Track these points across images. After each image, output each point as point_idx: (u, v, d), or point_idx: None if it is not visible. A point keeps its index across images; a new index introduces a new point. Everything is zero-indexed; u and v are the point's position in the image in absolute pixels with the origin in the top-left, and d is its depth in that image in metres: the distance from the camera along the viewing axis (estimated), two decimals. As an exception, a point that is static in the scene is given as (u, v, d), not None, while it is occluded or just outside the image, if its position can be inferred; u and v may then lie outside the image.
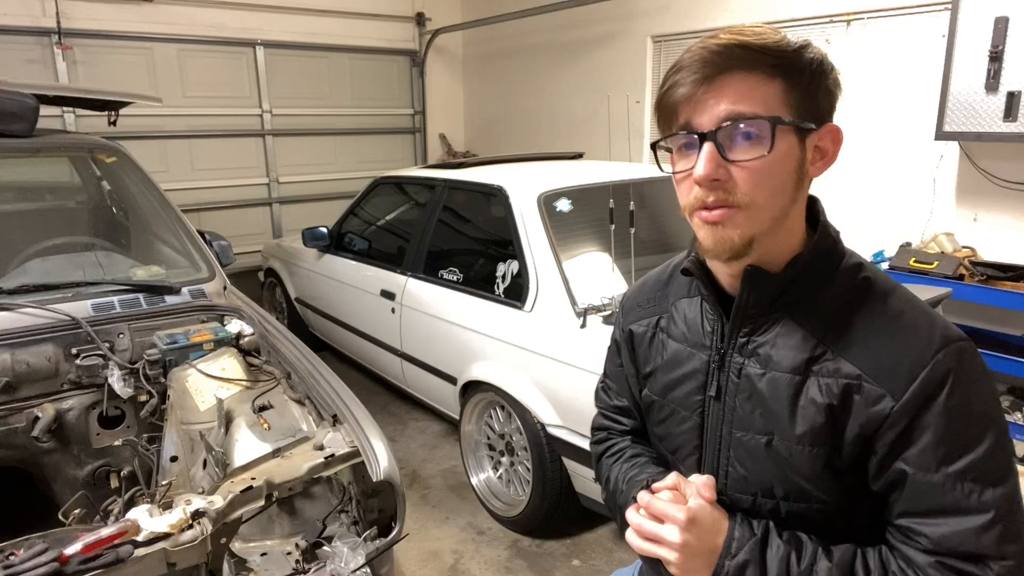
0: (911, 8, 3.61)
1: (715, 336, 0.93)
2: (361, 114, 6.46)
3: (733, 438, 0.90)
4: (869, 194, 3.90)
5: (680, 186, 0.85)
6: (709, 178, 0.79)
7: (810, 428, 0.83)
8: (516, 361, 2.65)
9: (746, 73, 0.78)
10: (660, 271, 1.10)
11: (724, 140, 0.78)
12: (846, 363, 0.81)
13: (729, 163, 0.79)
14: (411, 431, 3.70)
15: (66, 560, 1.12)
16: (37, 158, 2.68)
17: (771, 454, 0.86)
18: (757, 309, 0.87)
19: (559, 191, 2.88)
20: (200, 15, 5.38)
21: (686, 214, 0.85)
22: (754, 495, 0.89)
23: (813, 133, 0.82)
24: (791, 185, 0.82)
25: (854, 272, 0.86)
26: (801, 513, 0.87)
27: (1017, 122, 3.04)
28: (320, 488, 1.69)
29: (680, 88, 0.80)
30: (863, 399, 0.80)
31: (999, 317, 3.36)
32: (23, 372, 1.89)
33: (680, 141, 0.83)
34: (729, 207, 0.80)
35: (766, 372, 0.86)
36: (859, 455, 0.82)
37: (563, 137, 5.83)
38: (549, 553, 2.68)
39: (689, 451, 0.96)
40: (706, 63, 0.78)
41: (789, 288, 0.86)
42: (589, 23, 5.46)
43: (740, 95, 0.78)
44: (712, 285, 0.92)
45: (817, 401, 0.82)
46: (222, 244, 2.67)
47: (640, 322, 1.05)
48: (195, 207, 5.46)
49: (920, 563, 0.79)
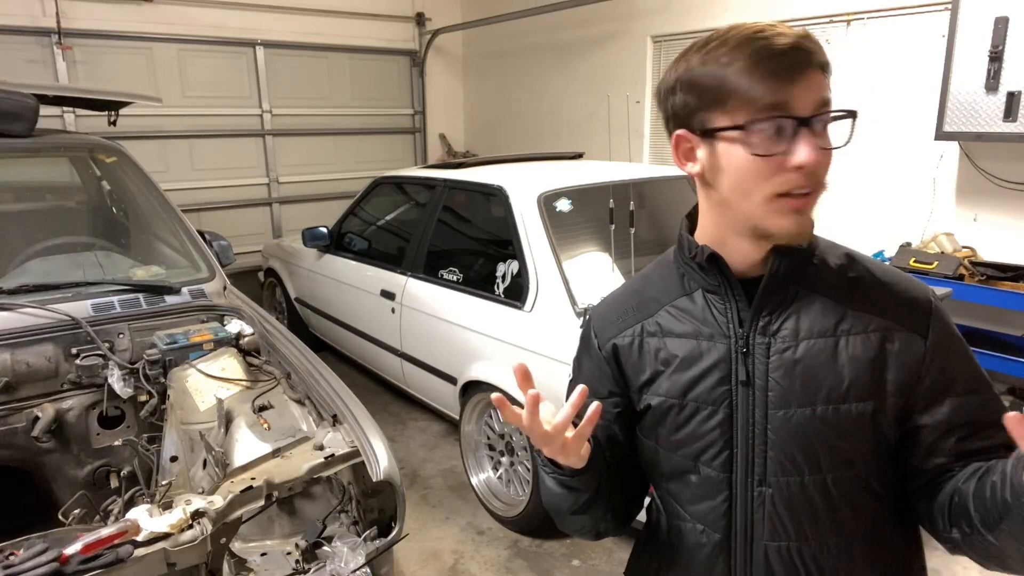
0: (911, 8, 3.61)
1: (731, 324, 0.93)
2: (361, 114, 6.46)
3: (771, 419, 0.90)
4: (869, 194, 3.90)
5: (763, 168, 0.82)
6: (816, 163, 0.81)
7: (854, 383, 0.87)
8: (516, 361, 2.64)
9: (821, 71, 0.83)
10: (627, 286, 1.09)
11: (817, 128, 0.82)
12: (871, 317, 0.90)
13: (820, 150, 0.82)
14: (411, 431, 3.70)
15: (66, 560, 1.12)
16: (37, 158, 2.69)
17: (816, 423, 0.88)
18: (782, 283, 0.91)
19: (559, 191, 2.88)
20: (200, 15, 5.38)
21: (759, 199, 0.84)
22: (801, 474, 0.90)
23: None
24: None
25: (834, 247, 0.97)
26: (847, 482, 0.90)
27: (1017, 122, 3.04)
28: (320, 488, 1.69)
29: (776, 76, 0.80)
30: (898, 345, 0.88)
31: (999, 317, 3.36)
32: (23, 372, 1.89)
33: (776, 124, 0.81)
34: (811, 193, 0.84)
35: (799, 342, 0.90)
36: (902, 407, 0.89)
37: (563, 137, 5.83)
38: (549, 553, 2.68)
39: (718, 449, 0.94)
40: (799, 52, 0.81)
41: (803, 261, 0.92)
42: (589, 23, 5.45)
43: (824, 87, 0.83)
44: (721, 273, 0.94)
45: (857, 356, 0.88)
46: (222, 244, 2.67)
47: (622, 334, 1.03)
48: (195, 207, 5.46)
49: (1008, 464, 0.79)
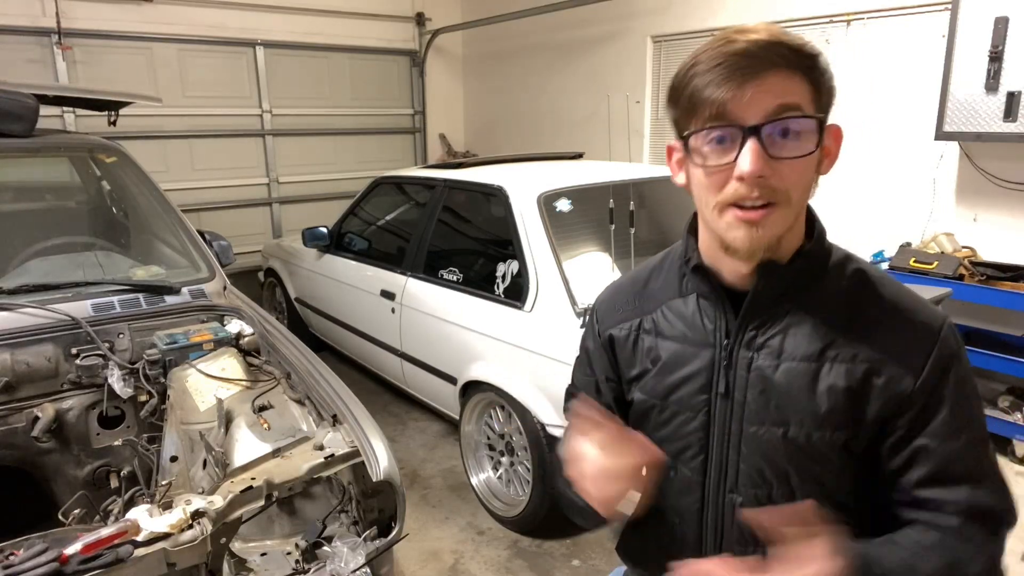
0: (911, 8, 3.61)
1: (718, 333, 0.92)
2: (361, 114, 6.45)
3: (744, 433, 0.90)
4: (869, 194, 3.90)
5: (710, 180, 0.82)
6: (756, 174, 0.78)
7: (831, 412, 0.85)
8: (516, 361, 2.65)
9: (789, 72, 0.78)
10: (634, 274, 1.09)
11: (767, 136, 0.78)
12: (863, 347, 0.85)
13: (773, 159, 0.78)
14: (411, 431, 3.70)
15: (66, 560, 1.12)
16: (37, 158, 2.68)
17: (787, 444, 0.87)
18: (768, 302, 0.88)
19: (559, 191, 2.88)
20: (200, 15, 5.38)
21: (713, 210, 0.83)
22: (770, 487, 0.90)
23: (825, 134, 0.83)
24: (814, 183, 0.85)
25: (845, 263, 0.91)
26: (816, 498, 0.87)
27: (1017, 122, 3.04)
28: (320, 488, 1.69)
29: (723, 82, 0.78)
30: (884, 381, 0.84)
31: (999, 317, 3.36)
32: (23, 372, 1.89)
33: (717, 134, 0.80)
34: (768, 205, 0.80)
35: (780, 363, 0.88)
36: (875, 437, 0.85)
37: (563, 137, 5.83)
38: (549, 553, 2.68)
39: (695, 452, 0.96)
40: (752, 57, 0.77)
41: (796, 279, 0.88)
42: (589, 23, 5.45)
43: (786, 92, 0.78)
44: (713, 280, 0.92)
45: (837, 386, 0.85)
46: (222, 244, 2.67)
47: (619, 326, 1.04)
48: (195, 207, 5.46)
49: (950, 525, 0.82)
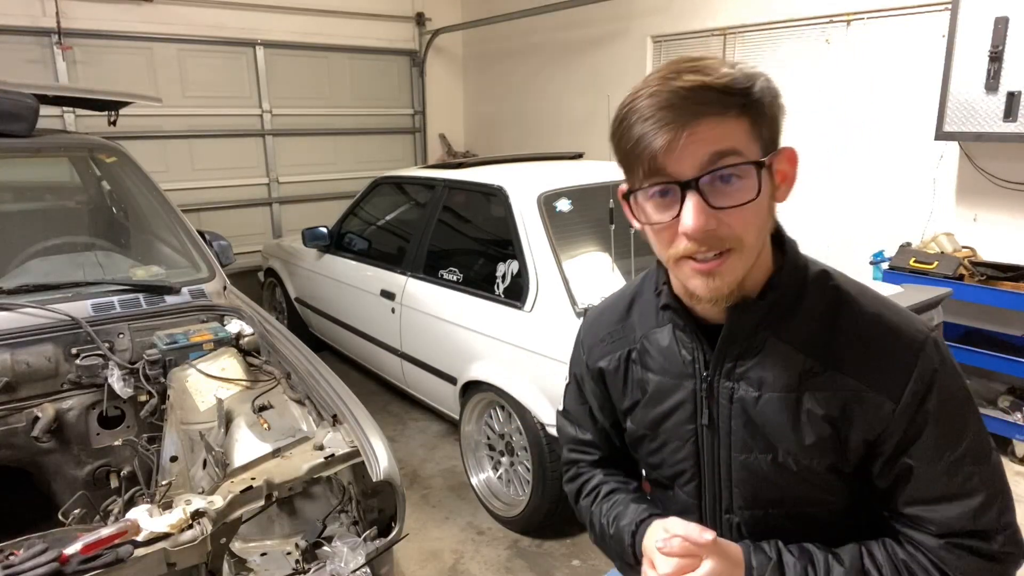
0: (911, 8, 3.61)
1: (697, 364, 0.91)
2: (361, 114, 6.45)
3: (734, 461, 0.90)
4: (869, 194, 3.90)
5: (660, 236, 0.81)
6: (701, 230, 0.75)
7: (817, 440, 0.84)
8: (516, 361, 2.65)
9: (719, 117, 0.74)
10: (615, 300, 1.07)
11: (707, 187, 0.75)
12: (841, 376, 0.83)
13: (716, 210, 0.76)
14: (411, 431, 3.70)
15: (66, 560, 1.12)
16: (37, 158, 2.68)
17: (777, 469, 0.87)
18: (743, 334, 0.87)
19: (559, 191, 2.88)
20: (200, 15, 5.38)
21: (669, 262, 0.82)
22: (765, 509, 0.90)
23: (775, 158, 0.80)
24: (770, 218, 0.83)
25: (822, 280, 0.88)
26: (811, 516, 0.89)
27: (1017, 122, 3.04)
28: (320, 488, 1.69)
29: (653, 137, 0.74)
30: (864, 408, 0.82)
31: (999, 317, 3.36)
32: (23, 372, 1.89)
33: (657, 190, 0.78)
34: (723, 253, 0.78)
35: (761, 394, 0.86)
36: (864, 457, 0.84)
37: (563, 137, 5.82)
38: (549, 553, 2.68)
39: (689, 477, 0.96)
40: (677, 109, 0.73)
41: (771, 310, 0.86)
42: (589, 23, 5.45)
43: (719, 138, 0.74)
44: (688, 314, 0.91)
45: (817, 414, 0.83)
46: (222, 244, 2.67)
47: (606, 358, 1.03)
48: (195, 207, 5.46)
49: (931, 546, 0.82)
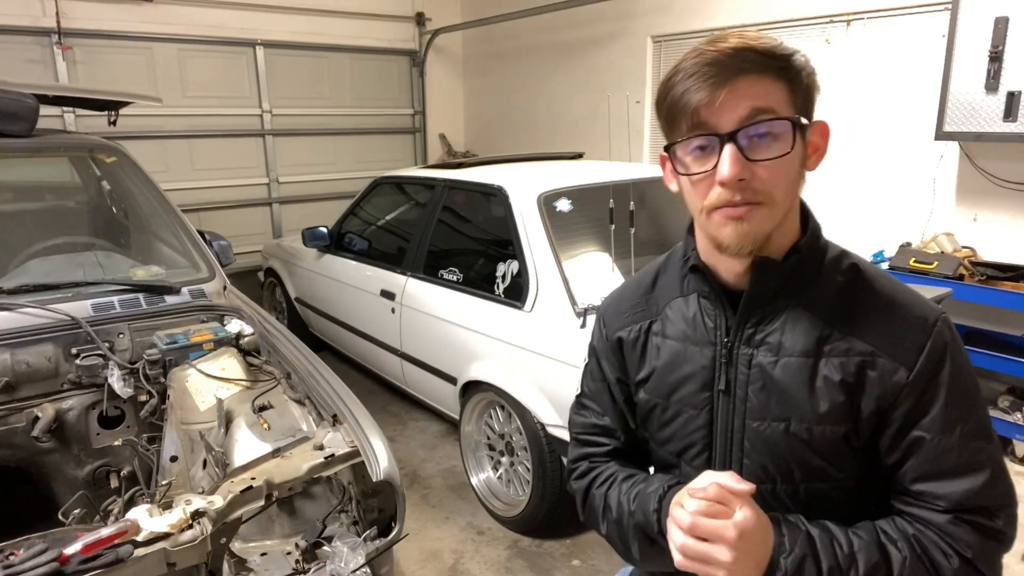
0: (911, 8, 3.61)
1: (719, 331, 0.93)
2: (361, 114, 6.45)
3: (748, 429, 0.91)
4: (869, 194, 3.90)
5: (696, 187, 0.86)
6: (736, 178, 0.80)
7: (831, 406, 0.86)
8: (516, 361, 2.65)
9: (758, 76, 0.81)
10: (640, 277, 1.09)
11: (744, 140, 0.81)
12: (857, 341, 0.86)
13: (751, 162, 0.81)
14: (411, 431, 3.70)
15: (66, 560, 1.12)
16: (37, 158, 2.69)
17: (789, 439, 0.88)
18: (765, 298, 0.90)
19: (559, 191, 2.88)
20: (200, 15, 5.38)
21: (701, 214, 0.87)
22: (774, 482, 0.90)
23: (808, 129, 0.86)
24: (799, 180, 0.87)
25: (840, 259, 0.92)
26: (820, 493, 0.89)
27: (1017, 122, 3.04)
28: (320, 488, 1.69)
29: (696, 92, 0.81)
30: (878, 373, 0.85)
31: (999, 317, 3.36)
32: (23, 372, 1.89)
33: (697, 143, 0.83)
34: (753, 204, 0.82)
35: (779, 359, 0.88)
36: (874, 429, 0.86)
37: (563, 137, 5.83)
38: (549, 553, 2.68)
39: (699, 449, 0.96)
40: (721, 66, 0.80)
41: (792, 276, 0.89)
42: (589, 23, 5.45)
43: (758, 96, 0.80)
44: (713, 279, 0.93)
45: (833, 379, 0.86)
46: (222, 244, 2.67)
47: (627, 328, 1.04)
48: (195, 207, 5.46)
49: (939, 522, 0.83)
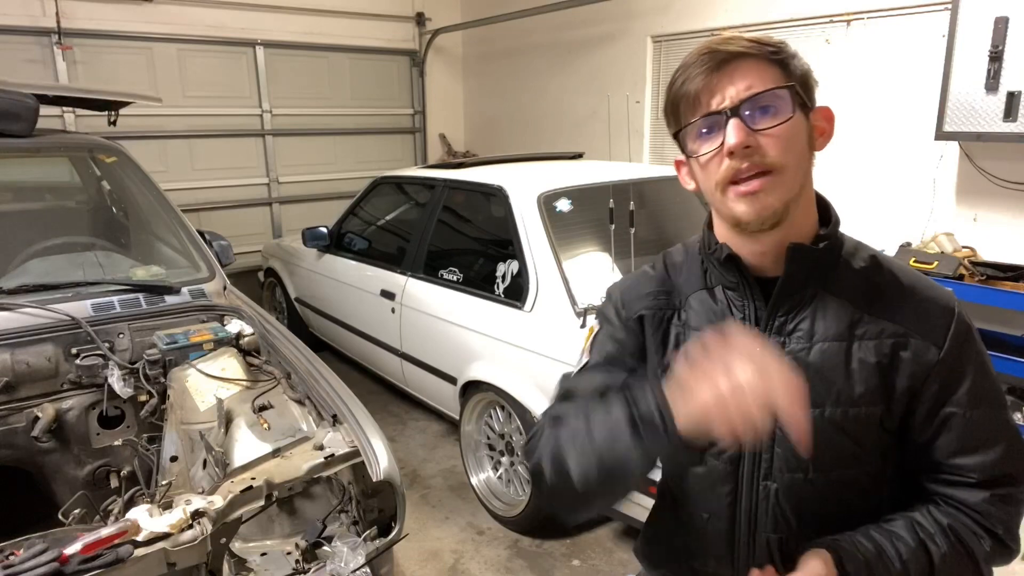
0: (911, 8, 3.61)
1: (747, 322, 0.94)
2: (361, 114, 6.45)
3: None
4: (869, 194, 3.90)
5: (707, 167, 0.87)
6: (742, 144, 0.82)
7: (866, 388, 0.88)
8: (516, 361, 2.65)
9: (753, 60, 0.85)
10: (648, 269, 1.07)
11: (746, 112, 0.84)
12: (888, 323, 0.89)
13: (756, 132, 0.83)
14: (411, 431, 3.70)
15: (66, 560, 1.12)
16: (37, 158, 2.69)
17: (824, 424, 0.89)
18: (797, 285, 0.91)
19: (559, 191, 2.88)
20: (200, 15, 5.38)
21: (716, 193, 0.88)
22: (805, 471, 0.91)
23: (811, 112, 0.89)
24: (808, 153, 0.89)
25: (859, 249, 0.95)
26: (849, 480, 0.92)
27: (1017, 122, 3.04)
28: (320, 488, 1.69)
29: (695, 80, 0.85)
30: (911, 353, 0.88)
31: (999, 317, 3.36)
32: (23, 372, 1.89)
33: (704, 124, 0.86)
34: (764, 173, 0.84)
35: (812, 344, 0.90)
36: (905, 410, 0.90)
37: (563, 137, 5.82)
38: (549, 553, 2.68)
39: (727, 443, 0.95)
40: (714, 53, 0.85)
41: (821, 262, 0.91)
42: (589, 23, 5.45)
43: (753, 75, 0.84)
44: (740, 270, 0.93)
45: (868, 361, 0.88)
46: (222, 244, 2.67)
47: (650, 309, 1.01)
48: (195, 207, 5.46)
49: (974, 501, 0.88)
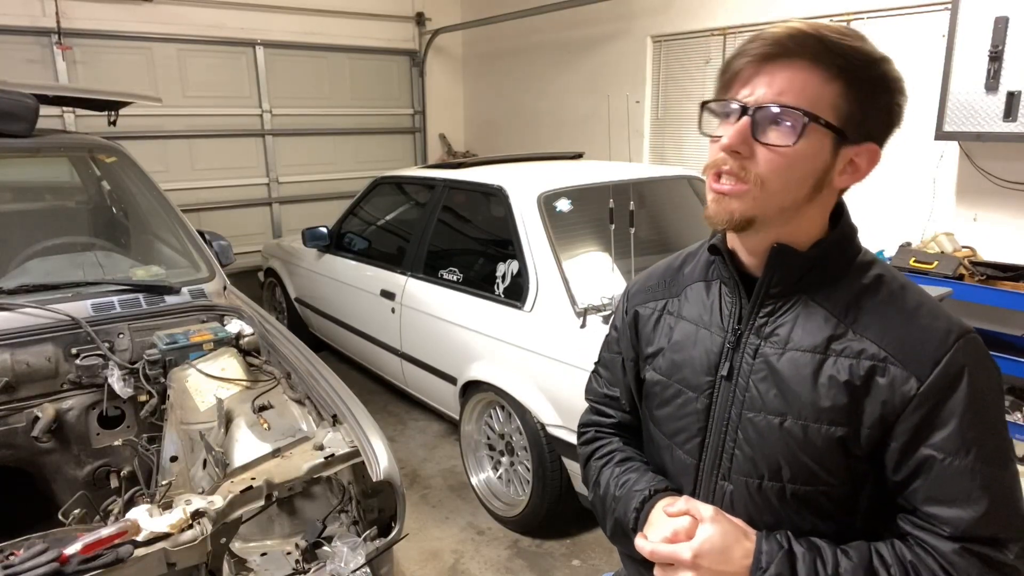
0: (911, 8, 3.61)
1: (732, 318, 0.93)
2: (361, 114, 6.45)
3: (743, 419, 0.90)
4: (869, 194, 3.89)
5: (711, 146, 0.88)
6: (730, 148, 0.82)
7: (831, 405, 0.84)
8: (516, 361, 2.65)
9: (809, 64, 0.79)
10: (670, 259, 1.11)
11: (761, 119, 0.81)
12: (870, 344, 0.83)
13: (756, 142, 0.81)
14: (411, 431, 3.70)
15: (66, 560, 1.12)
16: (37, 158, 2.68)
17: (783, 434, 0.87)
18: (780, 288, 0.89)
19: (559, 191, 2.88)
20: (200, 15, 5.38)
21: (707, 174, 0.89)
22: (761, 477, 0.89)
23: (851, 146, 0.82)
24: (808, 184, 0.83)
25: (868, 266, 0.89)
26: (806, 497, 0.87)
27: (1017, 122, 3.04)
28: (320, 488, 1.69)
29: (741, 59, 0.83)
30: (887, 380, 0.82)
31: (999, 317, 3.36)
32: (23, 372, 1.89)
33: (725, 108, 0.85)
34: (739, 182, 0.83)
35: (785, 351, 0.87)
36: (878, 440, 0.83)
37: (563, 137, 5.83)
38: (549, 553, 2.68)
39: (692, 434, 0.96)
40: (777, 42, 0.80)
41: (811, 270, 0.88)
42: (589, 23, 5.45)
43: (791, 82, 0.80)
44: (732, 264, 0.93)
45: (839, 379, 0.83)
46: (222, 244, 2.67)
47: (646, 304, 1.07)
48: (195, 207, 5.46)
49: (944, 550, 0.80)
